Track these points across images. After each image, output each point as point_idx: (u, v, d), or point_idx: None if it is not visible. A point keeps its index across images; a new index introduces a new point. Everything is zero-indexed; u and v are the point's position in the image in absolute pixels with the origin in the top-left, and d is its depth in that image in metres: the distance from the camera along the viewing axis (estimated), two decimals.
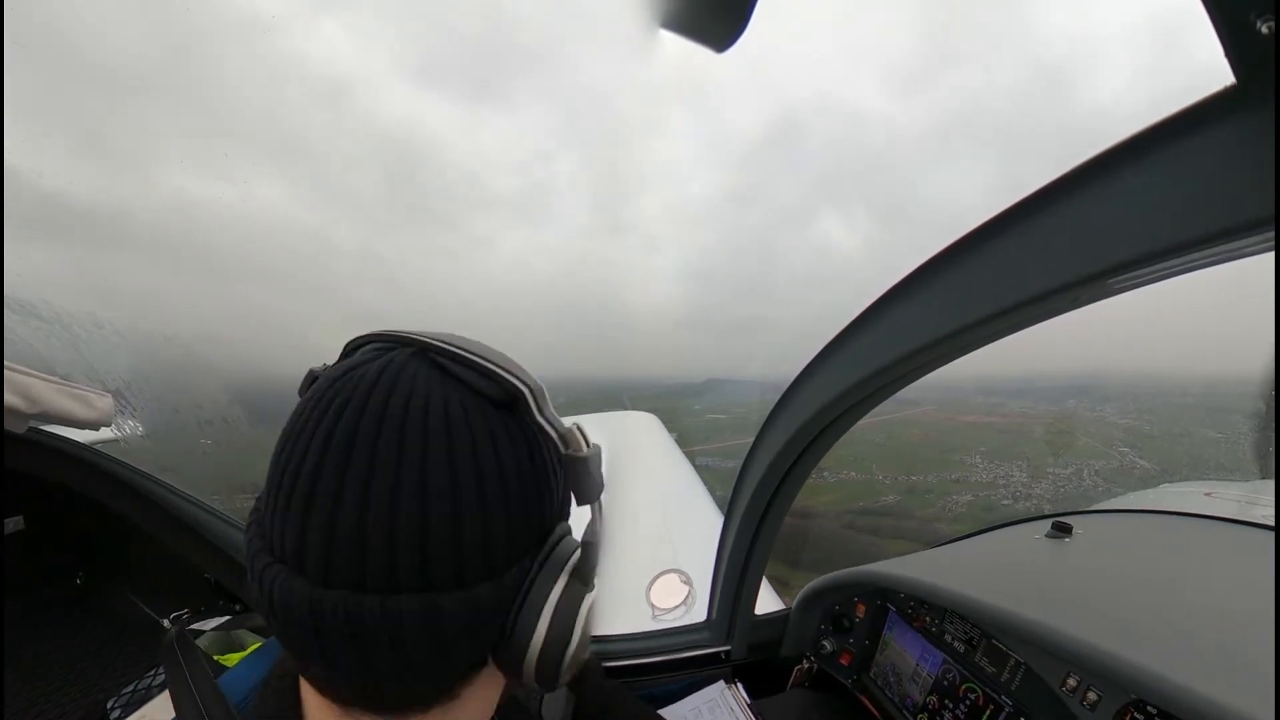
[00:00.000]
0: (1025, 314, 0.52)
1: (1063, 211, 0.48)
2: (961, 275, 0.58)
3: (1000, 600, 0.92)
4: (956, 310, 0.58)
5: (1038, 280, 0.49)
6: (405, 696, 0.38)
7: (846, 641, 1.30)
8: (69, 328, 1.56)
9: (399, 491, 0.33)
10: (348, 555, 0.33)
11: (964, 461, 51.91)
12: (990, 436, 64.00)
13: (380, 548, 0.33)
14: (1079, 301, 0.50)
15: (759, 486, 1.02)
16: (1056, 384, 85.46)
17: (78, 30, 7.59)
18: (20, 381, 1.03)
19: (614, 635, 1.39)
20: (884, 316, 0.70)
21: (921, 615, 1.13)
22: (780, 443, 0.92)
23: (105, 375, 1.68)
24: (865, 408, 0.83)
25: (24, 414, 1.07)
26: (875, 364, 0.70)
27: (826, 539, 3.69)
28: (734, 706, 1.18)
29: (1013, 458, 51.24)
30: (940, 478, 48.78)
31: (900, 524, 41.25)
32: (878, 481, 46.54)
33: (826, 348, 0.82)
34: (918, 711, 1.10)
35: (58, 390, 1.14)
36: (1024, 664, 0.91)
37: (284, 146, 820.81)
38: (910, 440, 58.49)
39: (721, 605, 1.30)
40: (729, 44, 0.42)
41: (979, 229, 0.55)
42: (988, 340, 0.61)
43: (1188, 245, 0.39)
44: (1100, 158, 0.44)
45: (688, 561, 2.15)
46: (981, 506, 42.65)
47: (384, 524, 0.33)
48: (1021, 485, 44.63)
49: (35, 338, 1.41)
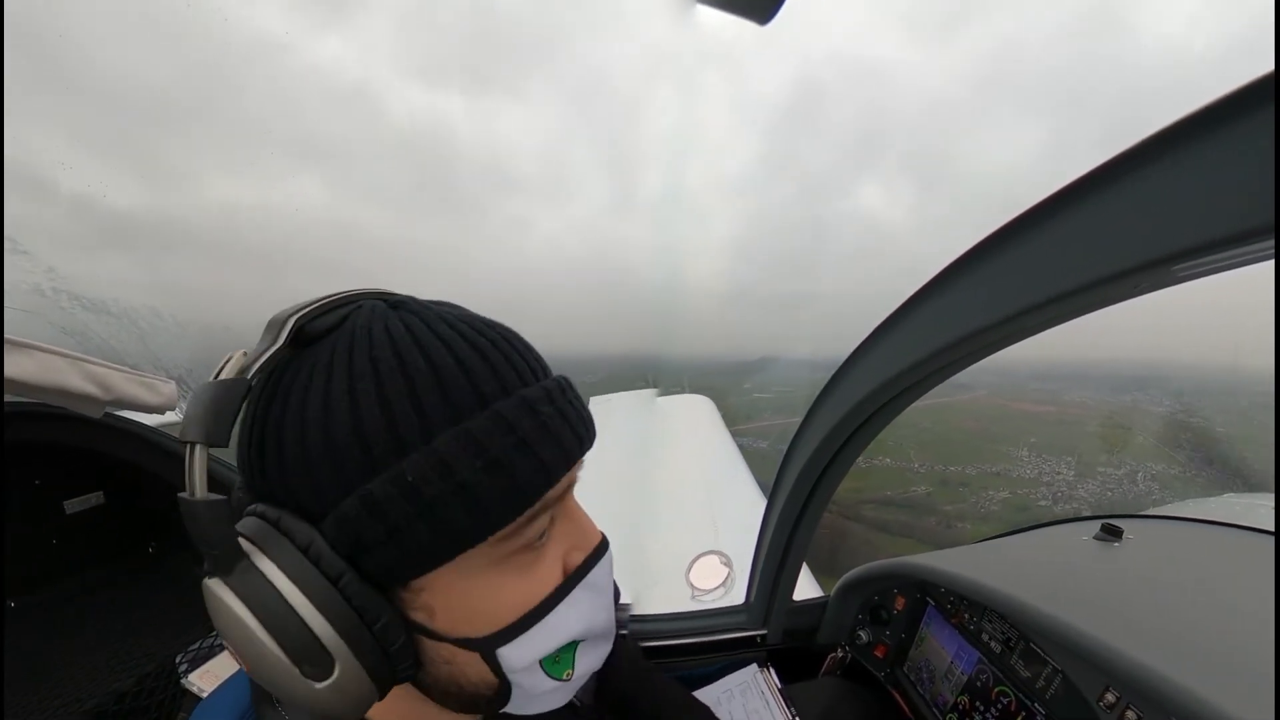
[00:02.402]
0: (1084, 300, 0.48)
1: (1134, 186, 0.43)
2: (1021, 256, 0.53)
3: (1041, 602, 0.88)
4: (1015, 293, 0.54)
5: (1101, 263, 0.45)
6: None
7: (883, 634, 1.28)
8: (135, 322, 1.68)
9: None
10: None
11: (1009, 454, 48.89)
12: (1042, 427, 60.21)
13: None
14: (1140, 288, 0.46)
15: (804, 470, 0.99)
16: (1121, 372, 79.03)
17: (126, 70, 8.12)
18: (96, 372, 1.11)
19: (652, 615, 1.40)
20: (938, 297, 0.66)
21: (961, 612, 1.10)
22: (827, 426, 0.90)
23: (168, 364, 1.81)
24: (916, 393, 0.80)
25: (100, 401, 1.16)
26: (928, 348, 0.66)
27: (820, 531, 3.51)
28: (764, 690, 1.18)
29: (1062, 453, 47.85)
30: (980, 470, 46.07)
31: (916, 521, 38.78)
32: (911, 470, 44.13)
33: (879, 329, 0.78)
34: (947, 711, 1.07)
35: (128, 379, 1.23)
36: (1061, 672, 0.87)
37: (316, 149, 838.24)
38: (959, 428, 55.41)
39: (760, 589, 1.29)
40: (772, 14, 0.37)
41: (1039, 206, 0.51)
42: (1047, 325, 0.57)
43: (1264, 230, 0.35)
44: (1175, 128, 0.38)
45: (730, 544, 2.14)
46: (1016, 506, 39.88)
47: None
48: (1065, 485, 41.67)
49: (107, 332, 1.53)
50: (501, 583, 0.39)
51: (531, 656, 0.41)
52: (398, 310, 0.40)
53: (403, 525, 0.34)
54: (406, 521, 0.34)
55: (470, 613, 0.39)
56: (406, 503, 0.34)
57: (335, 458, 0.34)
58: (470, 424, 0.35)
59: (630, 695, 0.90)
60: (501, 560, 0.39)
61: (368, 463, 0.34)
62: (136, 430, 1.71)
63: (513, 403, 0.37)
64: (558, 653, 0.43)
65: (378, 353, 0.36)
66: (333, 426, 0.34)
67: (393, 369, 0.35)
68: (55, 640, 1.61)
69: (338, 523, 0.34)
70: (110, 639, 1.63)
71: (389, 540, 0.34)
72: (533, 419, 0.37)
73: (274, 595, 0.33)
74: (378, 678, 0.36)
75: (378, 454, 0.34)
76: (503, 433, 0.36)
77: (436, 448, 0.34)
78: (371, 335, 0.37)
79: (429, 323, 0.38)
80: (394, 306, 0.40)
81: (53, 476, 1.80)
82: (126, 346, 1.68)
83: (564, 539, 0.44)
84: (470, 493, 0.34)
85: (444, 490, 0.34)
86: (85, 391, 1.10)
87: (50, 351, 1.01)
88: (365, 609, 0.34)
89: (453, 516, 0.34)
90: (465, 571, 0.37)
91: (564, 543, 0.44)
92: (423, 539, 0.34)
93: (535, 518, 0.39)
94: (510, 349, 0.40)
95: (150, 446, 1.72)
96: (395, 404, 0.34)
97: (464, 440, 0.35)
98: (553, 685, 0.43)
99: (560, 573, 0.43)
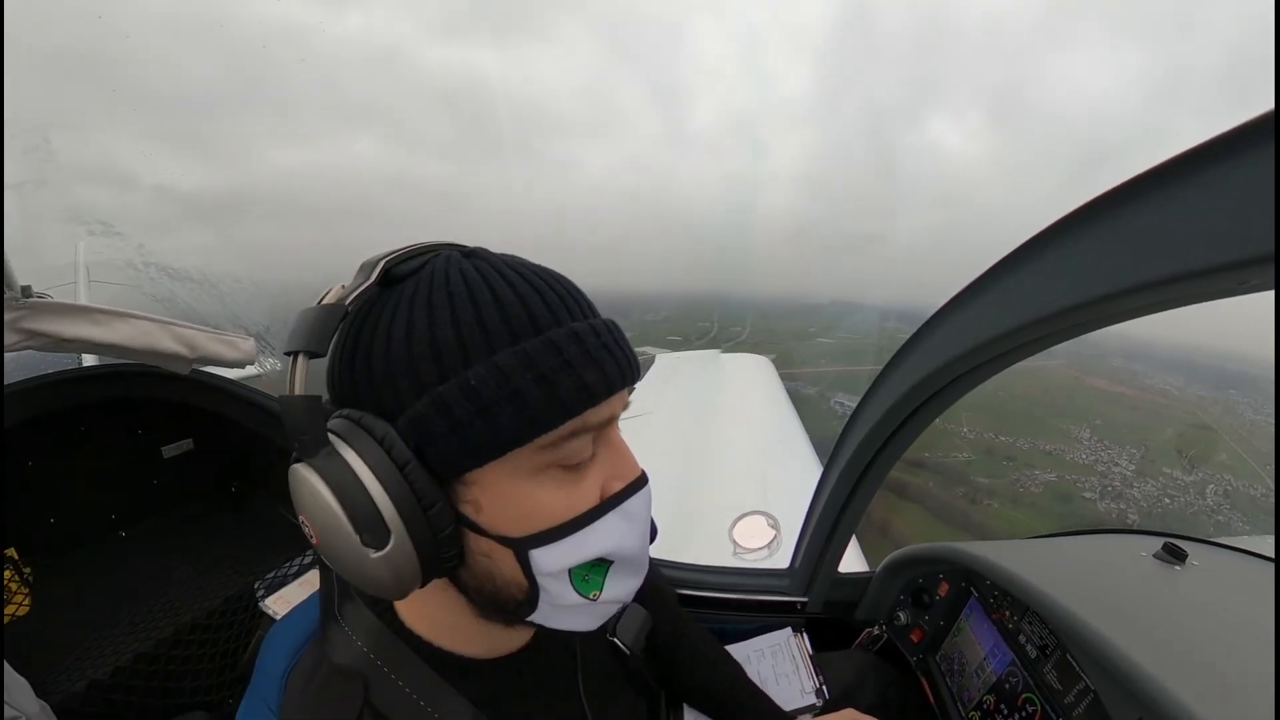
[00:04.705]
0: (1190, 289, 0.43)
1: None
2: (1131, 226, 0.47)
3: (1087, 614, 0.83)
4: (1115, 272, 0.48)
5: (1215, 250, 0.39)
6: None
7: (922, 617, 1.25)
8: (216, 286, 1.85)
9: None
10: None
11: (1069, 432, 44.93)
12: (1113, 409, 54.88)
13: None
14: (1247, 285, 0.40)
15: (867, 437, 0.95)
16: (1225, 366, 68.44)
17: (179, 73, 8.44)
18: (183, 334, 1.23)
19: (692, 564, 1.41)
20: (1035, 262, 0.59)
21: (1002, 608, 1.06)
22: (895, 396, 0.85)
23: (247, 322, 1.98)
24: (989, 370, 0.74)
25: (187, 359, 1.28)
26: (1011, 322, 0.61)
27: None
28: (795, 655, 1.19)
29: (1127, 442, 43.38)
30: (1032, 445, 42.60)
31: (939, 489, 35.41)
32: (958, 435, 41.17)
33: (959, 296, 0.72)
34: (971, 708, 1.05)
35: (210, 338, 1.35)
36: (1094, 691, 0.81)
37: (361, 111, 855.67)
38: (1022, 394, 50.64)
39: (807, 556, 1.28)
40: None
41: (1158, 168, 0.43)
42: (1148, 311, 0.51)
43: None
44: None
45: (779, 508, 2.13)
46: (1058, 493, 36.49)
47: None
48: (1119, 480, 37.72)
49: (191, 297, 1.69)
50: (542, 492, 0.45)
51: (560, 564, 0.46)
52: (470, 258, 0.47)
53: (464, 421, 0.40)
54: (467, 418, 0.40)
55: (511, 513, 0.44)
56: (468, 402, 0.40)
57: (414, 366, 0.41)
58: (526, 345, 0.42)
59: (666, 644, 0.93)
60: (542, 470, 0.44)
61: (439, 371, 0.41)
62: (219, 384, 1.89)
63: (563, 332, 0.43)
64: (587, 570, 0.47)
65: (453, 288, 0.43)
66: (413, 343, 0.41)
67: (464, 299, 0.42)
68: (158, 564, 1.85)
69: (410, 420, 0.41)
70: (202, 565, 1.86)
71: (450, 434, 0.41)
72: (579, 346, 0.43)
73: (349, 474, 0.39)
74: (425, 558, 0.42)
75: (447, 364, 0.41)
76: (552, 354, 0.42)
77: (496, 361, 0.41)
78: (448, 275, 0.44)
79: (496, 267, 0.45)
80: (467, 255, 0.47)
81: (151, 426, 2.03)
82: (209, 308, 1.85)
83: (605, 467, 0.49)
84: (520, 399, 0.41)
85: (499, 395, 0.40)
86: (174, 351, 1.22)
87: (144, 318, 1.12)
88: (423, 493, 0.41)
89: (504, 416, 0.41)
90: (512, 474, 0.43)
91: (605, 470, 0.49)
92: (479, 434, 0.41)
93: (576, 435, 0.44)
94: (565, 291, 0.47)
95: (231, 398, 1.90)
96: (464, 325, 0.41)
97: (519, 357, 0.41)
98: (579, 601, 0.47)
99: (598, 496, 0.48)
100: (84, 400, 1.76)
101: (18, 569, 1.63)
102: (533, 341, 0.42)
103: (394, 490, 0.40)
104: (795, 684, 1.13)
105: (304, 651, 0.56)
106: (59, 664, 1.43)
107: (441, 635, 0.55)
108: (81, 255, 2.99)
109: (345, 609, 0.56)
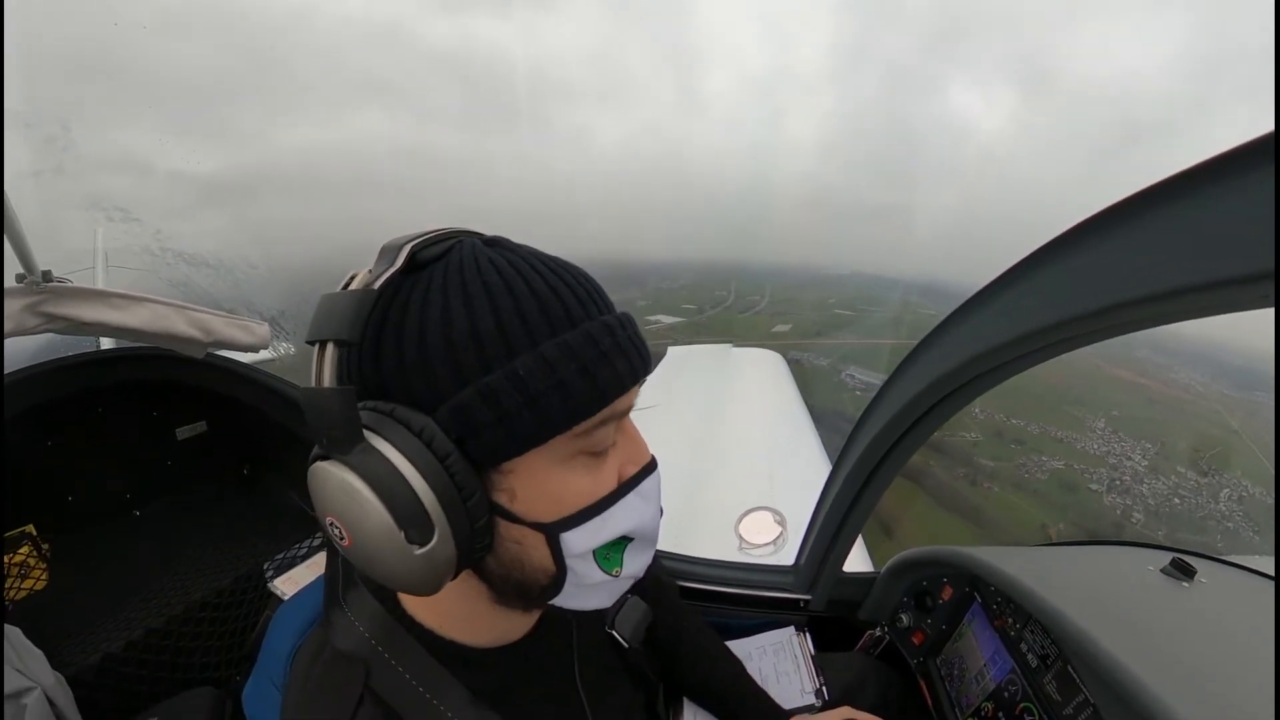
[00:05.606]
0: (1229, 297, 0.41)
1: None
2: (1182, 223, 0.45)
3: (1091, 626, 0.81)
4: (1152, 274, 0.46)
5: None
6: None
7: (924, 621, 1.25)
8: (231, 271, 1.88)
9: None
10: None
11: (1083, 421, 43.66)
12: (1132, 401, 53.12)
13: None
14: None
15: (878, 436, 0.94)
16: (1253, 366, 65.40)
17: (186, 61, 8.46)
18: (198, 318, 1.25)
19: (695, 557, 1.41)
20: (1067, 259, 0.57)
21: (1005, 615, 1.06)
22: (907, 396, 0.84)
23: (261, 307, 2.00)
24: (1002, 375, 0.73)
25: (202, 343, 1.30)
26: (1030, 325, 0.59)
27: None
28: (797, 654, 1.19)
29: (1143, 436, 41.93)
30: (1043, 430, 41.42)
31: (940, 469, 34.26)
32: (968, 414, 39.82)
33: (980, 294, 0.71)
34: (969, 714, 1.05)
35: (226, 323, 1.37)
36: (1093, 704, 0.80)
37: (368, 86, 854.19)
38: (1040, 378, 49.06)
39: (812, 554, 1.28)
40: None
41: (1206, 163, 0.41)
42: (1193, 315, 0.48)
43: None
44: None
45: (786, 505, 2.13)
46: (1063, 482, 35.24)
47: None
48: (1129, 475, 36.30)
49: (207, 282, 1.72)
50: (572, 477, 0.47)
51: (588, 545, 0.48)
52: (493, 247, 0.48)
53: (513, 411, 0.41)
54: (516, 408, 0.41)
55: (544, 499, 0.46)
56: (517, 393, 0.41)
57: (453, 355, 0.42)
58: (567, 337, 0.43)
59: (667, 637, 0.94)
60: (573, 457, 0.46)
61: (481, 361, 0.42)
62: (234, 368, 1.92)
63: (597, 325, 0.45)
64: (609, 549, 0.50)
65: (487, 277, 0.43)
66: (451, 331, 0.42)
67: (501, 289, 0.43)
68: (171, 542, 1.89)
69: (453, 410, 0.41)
70: (213, 544, 1.89)
71: (498, 424, 0.41)
72: (611, 338, 0.46)
73: (389, 469, 0.39)
74: (462, 550, 0.42)
75: (490, 354, 0.42)
76: (590, 346, 0.44)
77: (542, 352, 0.42)
78: (479, 263, 0.44)
79: (525, 258, 0.46)
80: (489, 244, 0.48)
81: (166, 409, 2.08)
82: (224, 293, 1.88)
83: (621, 453, 0.52)
84: (565, 389, 0.42)
85: (548, 385, 0.42)
86: (190, 335, 1.24)
87: (160, 302, 1.14)
88: (464, 485, 0.41)
89: (551, 406, 0.42)
90: (546, 463, 0.45)
91: (621, 456, 0.52)
92: (527, 424, 0.42)
93: (605, 423, 0.46)
94: (589, 284, 0.48)
95: (246, 381, 1.94)
96: (504, 315, 0.42)
97: (563, 348, 0.43)
98: (602, 578, 0.50)
99: (616, 480, 0.50)
100: (102, 382, 1.80)
101: (36, 545, 1.68)
102: (572, 334, 0.43)
103: (437, 483, 0.40)
104: (796, 683, 1.13)
105: (309, 634, 0.57)
106: (74, 637, 1.47)
107: (447, 625, 0.56)
108: (100, 241, 3.05)
109: (349, 595, 0.57)
